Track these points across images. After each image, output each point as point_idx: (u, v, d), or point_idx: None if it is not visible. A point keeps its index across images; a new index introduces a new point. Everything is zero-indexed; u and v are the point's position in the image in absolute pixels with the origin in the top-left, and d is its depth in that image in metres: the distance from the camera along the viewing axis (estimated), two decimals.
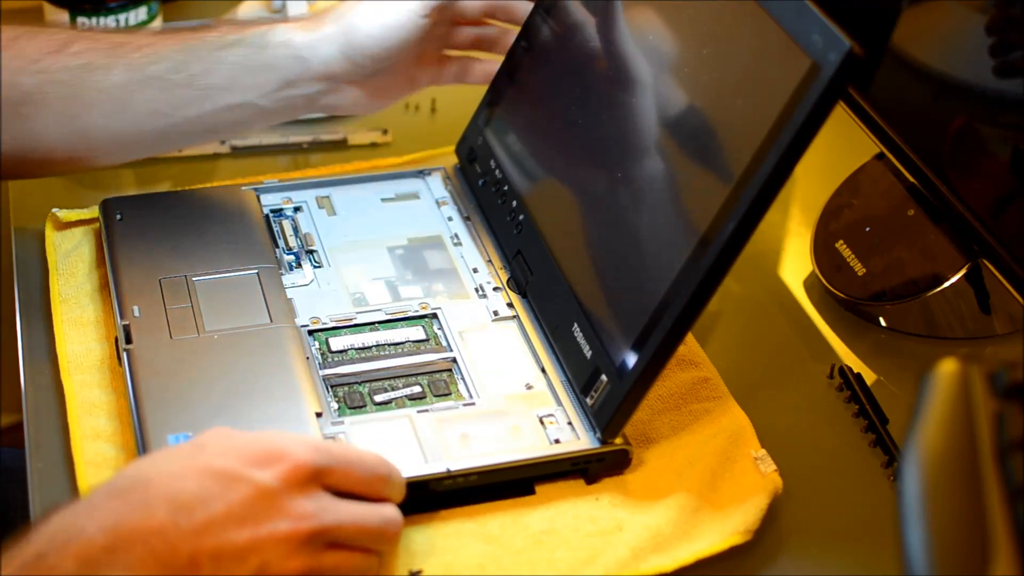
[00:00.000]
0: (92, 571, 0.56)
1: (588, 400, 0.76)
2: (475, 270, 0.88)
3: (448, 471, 0.72)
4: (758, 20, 0.72)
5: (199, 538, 0.58)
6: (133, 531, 0.57)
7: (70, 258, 0.88)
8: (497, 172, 0.91)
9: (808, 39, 0.67)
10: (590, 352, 0.77)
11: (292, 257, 0.88)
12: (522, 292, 0.85)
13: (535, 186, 0.88)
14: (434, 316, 0.84)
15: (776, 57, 0.70)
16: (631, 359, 0.73)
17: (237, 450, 0.61)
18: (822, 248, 0.93)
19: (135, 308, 0.81)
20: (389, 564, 0.70)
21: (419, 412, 0.76)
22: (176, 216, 0.89)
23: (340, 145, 1.04)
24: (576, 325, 0.79)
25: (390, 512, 0.66)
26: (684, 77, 0.77)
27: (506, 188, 0.90)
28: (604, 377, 0.75)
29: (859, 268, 0.90)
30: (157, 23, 1.11)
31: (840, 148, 0.99)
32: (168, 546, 0.58)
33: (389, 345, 0.82)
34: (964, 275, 0.85)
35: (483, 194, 0.93)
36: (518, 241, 0.87)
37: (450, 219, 0.92)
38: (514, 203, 0.88)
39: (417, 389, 0.78)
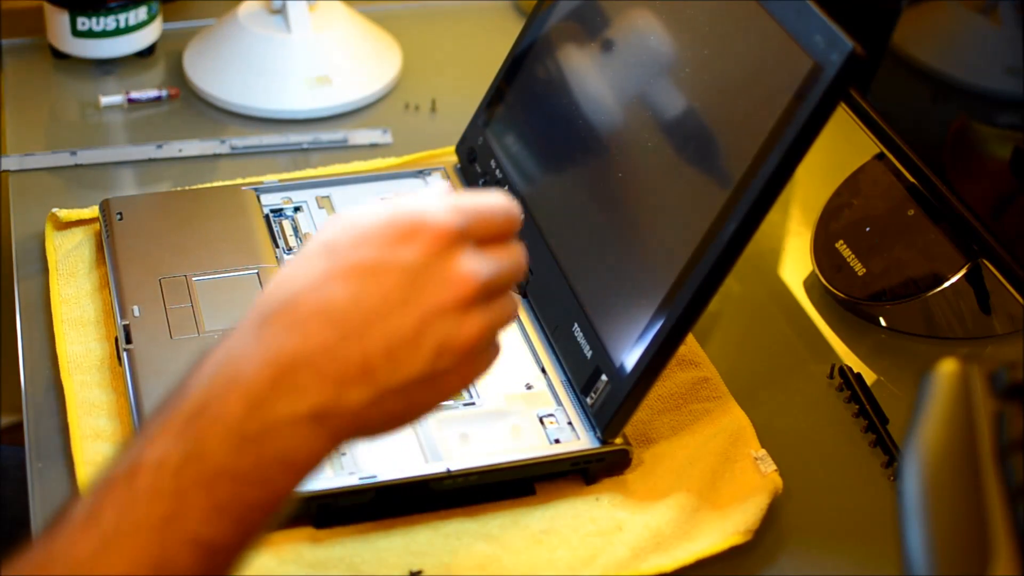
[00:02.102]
0: (262, 409, 0.52)
1: (588, 400, 0.76)
2: None
3: (448, 471, 0.72)
4: (760, 21, 0.72)
5: (364, 341, 0.54)
6: (294, 357, 0.53)
7: (70, 258, 0.88)
8: (497, 172, 0.91)
9: (810, 40, 0.67)
10: (590, 352, 0.77)
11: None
12: (522, 292, 0.85)
13: (535, 186, 0.88)
14: None
15: (778, 58, 0.70)
16: (632, 359, 0.73)
17: (370, 237, 0.56)
18: (822, 248, 0.93)
19: (135, 308, 0.81)
20: (389, 564, 0.70)
21: None
22: (176, 216, 0.90)
23: (340, 145, 1.04)
24: (576, 325, 0.79)
25: (519, 249, 0.61)
26: (685, 78, 0.77)
27: (506, 188, 0.90)
28: (604, 377, 0.75)
29: (859, 268, 0.90)
30: (157, 23, 1.12)
31: (840, 148, 0.99)
32: (335, 360, 0.53)
33: None
34: (964, 275, 0.85)
35: None
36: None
37: None
38: None
39: None
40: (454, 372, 0.57)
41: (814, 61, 0.67)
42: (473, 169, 0.94)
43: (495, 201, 0.60)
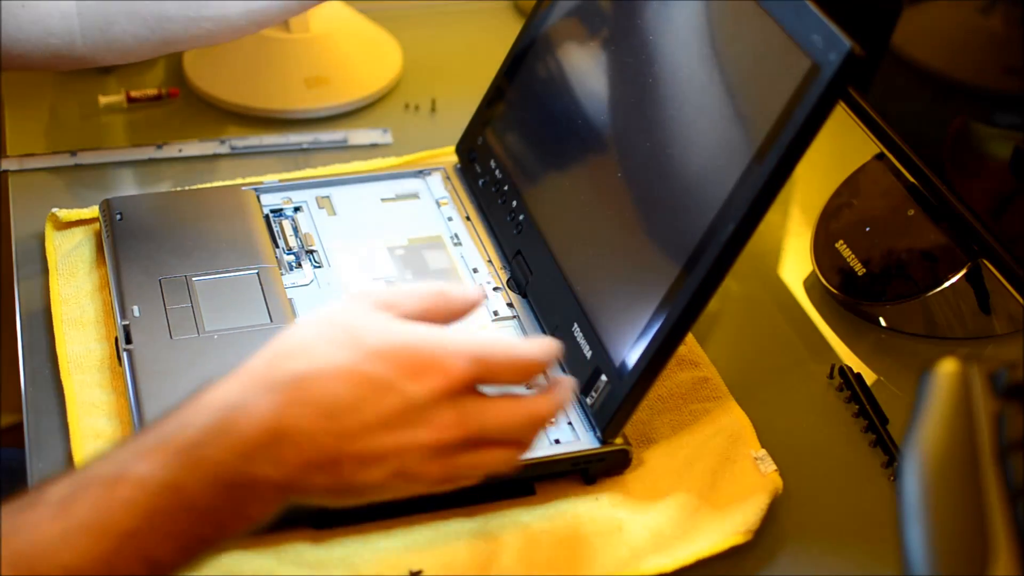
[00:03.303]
0: (246, 465, 0.58)
1: (588, 400, 0.76)
2: (475, 270, 0.88)
3: None
4: (758, 20, 0.72)
5: (345, 442, 0.60)
6: (286, 431, 0.59)
7: (70, 258, 0.88)
8: (497, 172, 0.91)
9: (808, 39, 0.67)
10: (590, 352, 0.77)
11: (292, 257, 0.88)
12: (522, 292, 0.85)
13: (535, 186, 0.88)
14: None
15: (776, 57, 0.70)
16: (631, 359, 0.73)
17: (395, 357, 0.61)
18: (822, 248, 0.93)
19: (135, 308, 0.81)
20: (389, 564, 0.70)
21: None
22: (176, 216, 0.90)
23: (340, 145, 1.04)
24: (576, 325, 0.79)
25: (539, 405, 0.65)
26: (684, 77, 0.77)
27: (506, 188, 0.90)
28: (604, 377, 0.75)
29: (859, 268, 0.90)
30: None
31: (840, 148, 0.99)
32: (316, 448, 0.59)
33: None
34: (964, 275, 0.85)
35: (483, 194, 0.93)
36: (518, 241, 0.87)
37: (450, 219, 0.92)
38: (514, 203, 0.88)
39: None
40: (403, 488, 0.63)
41: (812, 61, 0.67)
42: (473, 169, 0.94)
43: (523, 353, 0.64)
